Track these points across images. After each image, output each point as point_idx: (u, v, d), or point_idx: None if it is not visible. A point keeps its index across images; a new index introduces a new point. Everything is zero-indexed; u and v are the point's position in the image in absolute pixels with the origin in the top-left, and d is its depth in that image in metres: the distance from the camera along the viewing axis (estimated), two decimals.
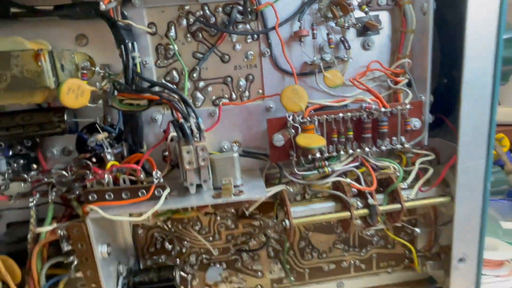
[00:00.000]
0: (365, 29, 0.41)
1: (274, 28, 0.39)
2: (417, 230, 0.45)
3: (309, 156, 0.38)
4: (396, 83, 0.42)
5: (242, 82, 0.43)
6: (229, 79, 0.42)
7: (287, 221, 0.39)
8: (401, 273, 0.52)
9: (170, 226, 0.47)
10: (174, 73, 0.41)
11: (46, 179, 0.39)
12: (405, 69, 0.42)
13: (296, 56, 0.42)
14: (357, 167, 0.41)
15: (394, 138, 0.40)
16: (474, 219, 0.40)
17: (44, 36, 0.38)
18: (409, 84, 0.42)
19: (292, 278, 0.50)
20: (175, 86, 0.41)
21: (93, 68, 0.38)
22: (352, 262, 0.51)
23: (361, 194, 0.41)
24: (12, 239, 0.42)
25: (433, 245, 0.48)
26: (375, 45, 0.43)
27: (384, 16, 0.42)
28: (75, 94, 0.35)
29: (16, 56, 0.32)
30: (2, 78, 0.32)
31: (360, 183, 0.40)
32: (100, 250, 0.37)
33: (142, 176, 0.37)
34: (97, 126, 0.38)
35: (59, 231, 0.37)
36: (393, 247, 0.51)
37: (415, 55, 0.41)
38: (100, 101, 0.38)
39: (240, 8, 0.40)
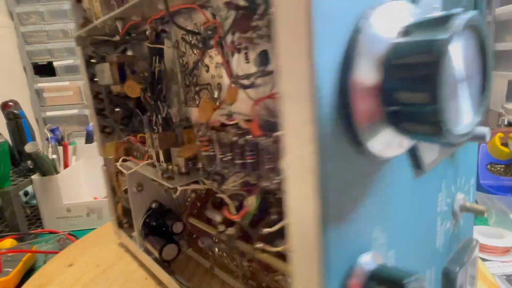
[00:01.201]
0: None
1: (212, 46, 0.42)
2: None
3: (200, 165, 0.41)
4: None
5: (216, 90, 0.48)
6: (208, 86, 0.50)
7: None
8: None
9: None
10: (186, 78, 0.54)
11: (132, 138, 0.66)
12: None
13: (243, 67, 0.42)
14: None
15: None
16: None
17: (136, 51, 0.62)
18: None
19: None
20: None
21: (146, 74, 0.59)
22: None
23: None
24: None
25: None
26: None
27: None
28: (132, 88, 0.58)
29: (103, 65, 0.59)
30: (103, 76, 0.60)
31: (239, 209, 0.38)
32: (132, 185, 0.61)
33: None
34: (137, 111, 0.60)
35: (120, 167, 0.63)
36: None
37: None
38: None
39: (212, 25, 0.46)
